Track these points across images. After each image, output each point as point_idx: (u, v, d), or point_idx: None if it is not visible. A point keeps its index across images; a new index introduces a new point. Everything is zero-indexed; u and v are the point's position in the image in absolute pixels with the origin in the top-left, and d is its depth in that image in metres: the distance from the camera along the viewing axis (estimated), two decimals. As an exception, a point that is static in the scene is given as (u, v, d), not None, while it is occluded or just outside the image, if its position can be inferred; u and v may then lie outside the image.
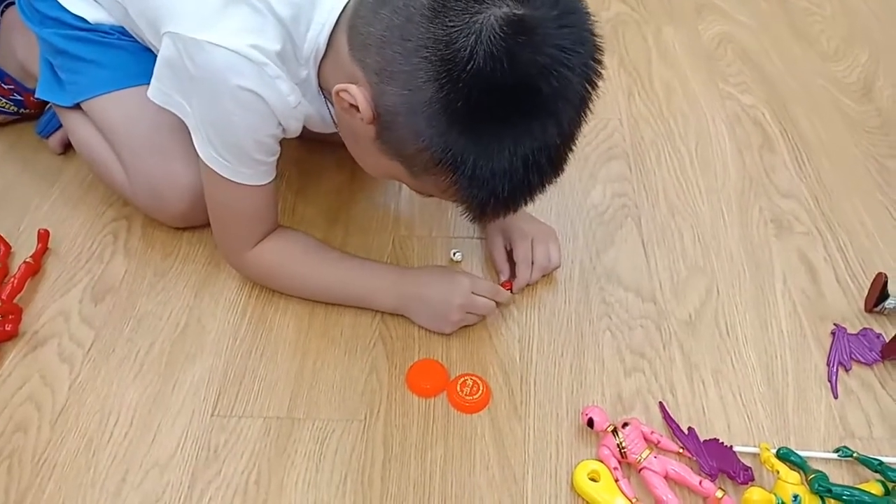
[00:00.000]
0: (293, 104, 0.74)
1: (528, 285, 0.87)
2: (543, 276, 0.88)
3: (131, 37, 0.89)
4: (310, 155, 1.01)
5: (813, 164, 1.06)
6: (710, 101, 1.17)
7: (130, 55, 0.88)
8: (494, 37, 0.58)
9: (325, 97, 0.77)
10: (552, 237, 0.89)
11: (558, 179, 0.66)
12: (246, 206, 0.80)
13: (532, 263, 0.86)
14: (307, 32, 0.71)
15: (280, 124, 0.75)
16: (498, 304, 0.82)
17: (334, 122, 0.79)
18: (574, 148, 0.66)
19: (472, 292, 0.80)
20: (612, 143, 1.08)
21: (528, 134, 0.61)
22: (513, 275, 0.87)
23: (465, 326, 0.83)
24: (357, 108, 0.66)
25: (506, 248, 0.88)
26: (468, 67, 0.58)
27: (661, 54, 1.26)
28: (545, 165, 0.63)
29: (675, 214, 0.98)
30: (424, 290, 0.81)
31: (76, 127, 0.94)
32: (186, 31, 0.71)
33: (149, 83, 0.78)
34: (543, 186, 0.66)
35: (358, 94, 0.65)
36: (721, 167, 1.05)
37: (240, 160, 0.76)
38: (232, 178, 0.77)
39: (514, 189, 0.64)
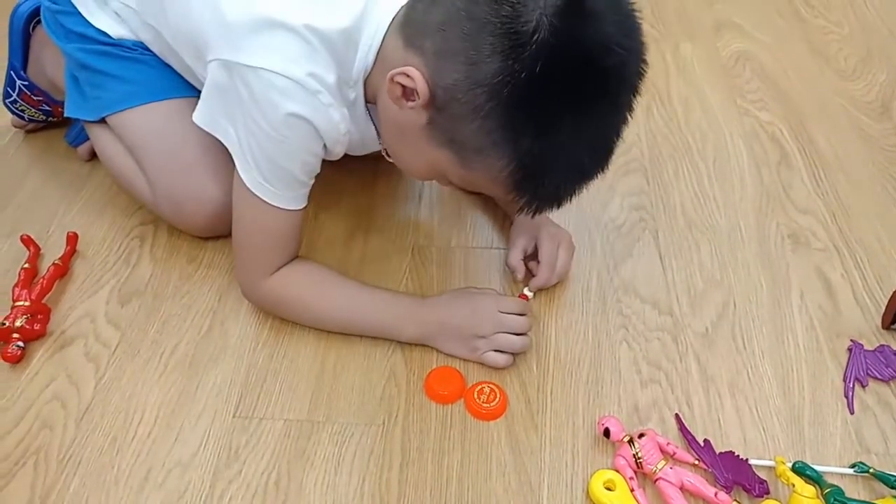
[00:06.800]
0: (342, 132, 0.76)
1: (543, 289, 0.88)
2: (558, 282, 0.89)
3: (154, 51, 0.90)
4: (332, 165, 1.02)
5: (830, 181, 1.06)
6: (727, 117, 1.17)
7: (154, 70, 0.90)
8: (557, 12, 0.60)
9: (368, 112, 0.78)
10: (572, 246, 0.90)
11: (606, 171, 0.68)
12: (276, 230, 0.81)
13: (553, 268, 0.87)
14: (356, 55, 0.73)
15: (326, 146, 0.77)
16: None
17: (377, 128, 0.80)
18: (622, 137, 0.68)
19: (500, 311, 0.80)
20: (631, 157, 1.09)
21: (589, 111, 0.64)
22: (528, 275, 0.88)
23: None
24: (412, 92, 0.67)
25: (524, 251, 0.89)
26: (533, 39, 0.60)
27: (680, 70, 1.27)
28: (601, 151, 0.67)
29: (693, 228, 0.99)
30: (448, 318, 0.81)
31: (101, 140, 0.96)
32: (241, 59, 0.72)
33: (172, 97, 0.79)
34: (594, 174, 0.68)
35: (416, 74, 0.67)
36: (738, 182, 1.06)
37: (283, 182, 0.77)
38: (271, 202, 0.78)
39: (569, 171, 0.66)
